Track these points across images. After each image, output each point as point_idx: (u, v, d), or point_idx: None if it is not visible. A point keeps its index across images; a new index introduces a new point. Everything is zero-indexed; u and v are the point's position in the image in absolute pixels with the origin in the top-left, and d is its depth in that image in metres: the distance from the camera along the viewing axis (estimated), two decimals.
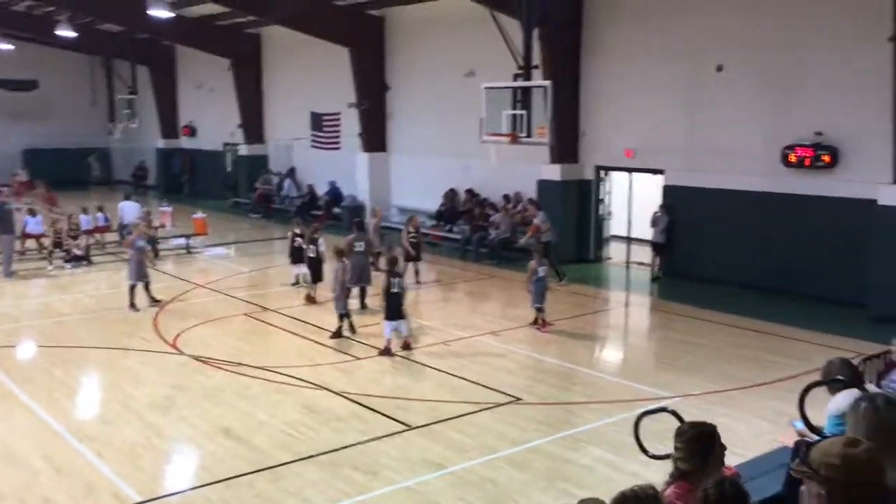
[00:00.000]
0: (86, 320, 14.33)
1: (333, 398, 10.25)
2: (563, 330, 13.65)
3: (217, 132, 32.91)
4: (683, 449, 4.13)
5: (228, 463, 8.31)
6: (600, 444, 8.75)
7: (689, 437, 4.15)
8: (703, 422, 4.35)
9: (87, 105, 37.73)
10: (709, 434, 4.17)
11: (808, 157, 14.90)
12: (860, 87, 14.25)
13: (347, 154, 25.45)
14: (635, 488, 3.64)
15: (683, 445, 4.14)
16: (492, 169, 19.01)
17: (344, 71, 24.30)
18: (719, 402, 10.00)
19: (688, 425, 4.26)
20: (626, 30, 18.01)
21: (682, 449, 4.14)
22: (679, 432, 4.20)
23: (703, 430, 4.18)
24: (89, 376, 11.50)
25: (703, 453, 4.09)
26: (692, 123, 17.02)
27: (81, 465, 8.33)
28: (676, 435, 4.19)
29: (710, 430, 4.18)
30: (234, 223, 27.32)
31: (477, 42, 20.33)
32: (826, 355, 10.58)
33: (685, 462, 4.10)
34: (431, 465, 8.26)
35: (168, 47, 34.23)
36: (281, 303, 15.56)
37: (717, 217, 16.54)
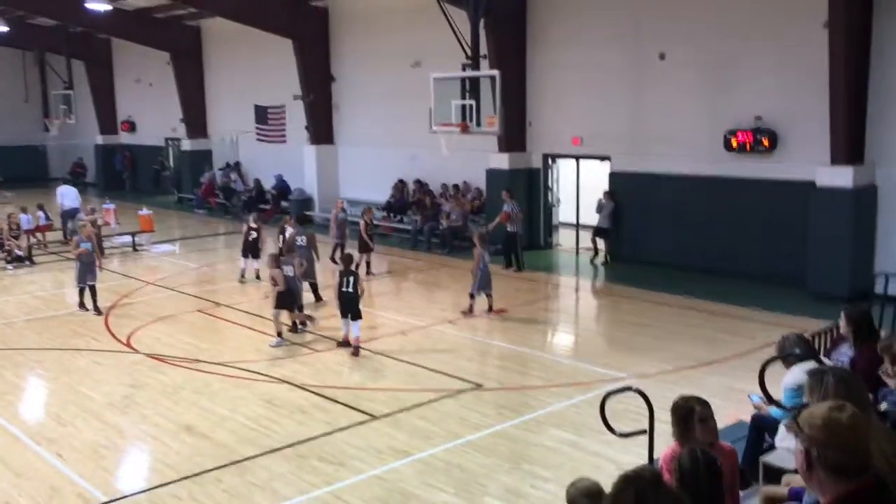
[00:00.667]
0: (33, 322, 14.02)
1: (294, 391, 10.27)
2: (517, 316, 13.86)
3: (158, 127, 32.29)
4: (671, 419, 4.76)
5: (194, 459, 8.28)
6: (561, 425, 8.96)
7: (672, 408, 4.75)
8: (689, 398, 4.80)
9: (19, 101, 36.59)
10: (682, 409, 4.65)
11: (748, 142, 15.36)
12: (797, 72, 14.74)
13: (294, 147, 25.26)
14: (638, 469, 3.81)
15: (671, 416, 4.76)
16: (440, 158, 19.07)
17: (288, 63, 24.10)
18: (673, 380, 10.29)
19: (678, 399, 4.82)
20: (571, 19, 18.25)
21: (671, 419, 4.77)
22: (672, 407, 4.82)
23: (677, 405, 4.72)
24: (42, 378, 11.28)
25: (681, 425, 4.59)
26: (637, 110, 17.37)
27: (42, 467, 8.20)
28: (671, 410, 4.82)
29: (686, 406, 4.68)
30: (179, 219, 26.91)
31: (422, 32, 20.38)
32: (771, 333, 11.07)
33: (673, 429, 4.71)
34: (397, 452, 8.35)
35: (104, 41, 33.42)
36: (233, 298, 15.45)
37: (663, 202, 16.94)
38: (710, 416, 4.78)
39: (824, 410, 2.74)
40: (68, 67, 31.55)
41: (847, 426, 2.69)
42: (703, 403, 4.76)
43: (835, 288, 13.74)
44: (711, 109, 16.03)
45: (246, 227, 16.96)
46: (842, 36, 13.33)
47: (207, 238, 23.13)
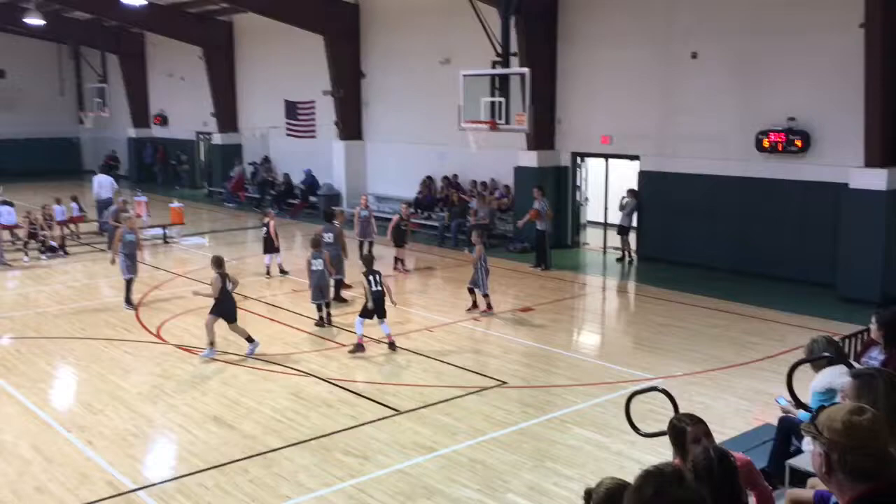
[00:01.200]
0: (66, 311, 14.25)
1: (320, 384, 10.35)
2: (543, 314, 13.85)
3: (189, 121, 32.64)
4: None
5: (220, 450, 8.38)
6: (586, 425, 8.95)
7: (667, 427, 4.46)
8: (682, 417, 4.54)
9: (55, 94, 37.21)
10: (675, 429, 4.41)
11: (780, 142, 15.19)
12: (832, 72, 14.55)
13: (323, 142, 25.41)
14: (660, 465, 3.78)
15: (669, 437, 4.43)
16: (468, 156, 19.12)
17: (318, 58, 24.23)
18: (699, 382, 10.25)
19: (673, 418, 4.52)
20: (602, 18, 18.17)
21: None
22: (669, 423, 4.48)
23: (671, 425, 4.44)
24: (75, 367, 11.46)
25: (676, 446, 4.37)
26: (667, 110, 17.25)
27: (72, 454, 8.35)
28: None
29: (678, 427, 4.40)
30: (209, 213, 27.19)
31: (452, 29, 20.39)
32: (800, 335, 10.96)
33: (673, 450, 4.38)
34: (422, 448, 8.39)
35: (138, 35, 33.83)
36: (261, 291, 15.59)
37: (693, 202, 16.81)
38: (704, 435, 4.43)
39: (844, 414, 2.73)
40: (103, 61, 32.04)
41: (867, 429, 2.68)
42: (696, 422, 4.46)
43: (866, 291, 13.56)
44: (743, 109, 15.88)
45: (263, 223, 17.18)
46: (878, 36, 13.14)
47: (237, 231, 23.35)
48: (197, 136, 33.01)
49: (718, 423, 8.76)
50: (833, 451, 2.70)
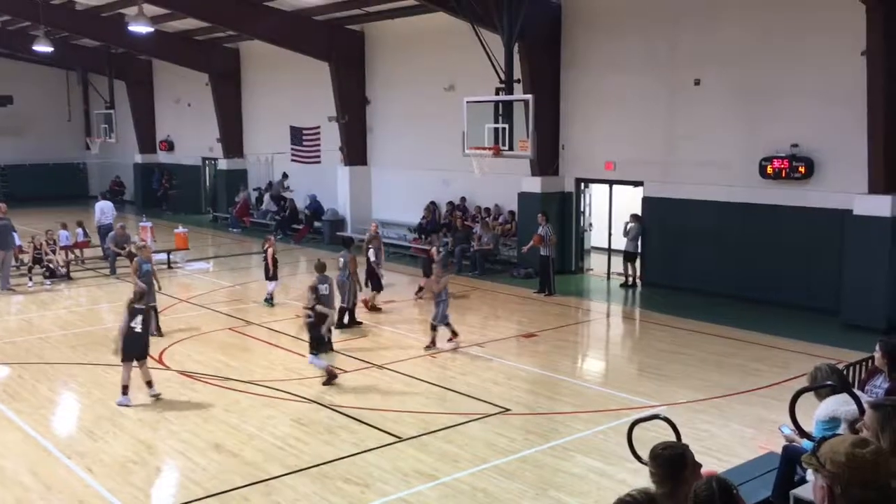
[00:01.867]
0: (69, 336, 14.24)
1: (322, 411, 10.30)
2: (547, 341, 13.80)
3: (195, 147, 32.83)
4: (657, 473, 4.05)
5: (221, 477, 8.32)
6: (589, 452, 8.87)
7: (661, 460, 4.06)
8: (675, 443, 4.31)
9: (63, 120, 37.51)
10: (679, 456, 4.08)
11: (784, 169, 15.20)
12: (835, 99, 14.59)
13: (328, 168, 25.52)
14: (633, 493, 3.70)
15: (658, 469, 4.05)
16: (472, 182, 19.18)
17: (324, 85, 24.40)
18: (703, 409, 10.17)
19: (661, 446, 4.16)
20: (605, 44, 18.28)
21: (655, 473, 4.06)
22: (653, 454, 4.11)
23: (674, 453, 4.09)
24: (76, 392, 11.43)
25: (675, 477, 4.01)
26: (671, 136, 17.30)
27: (72, 481, 8.30)
28: (651, 458, 4.11)
29: (679, 452, 4.10)
30: (214, 238, 27.26)
31: (456, 56, 20.53)
32: (804, 363, 10.89)
33: (659, 486, 4.00)
34: (423, 476, 8.33)
35: (145, 62, 34.16)
36: (263, 317, 15.58)
37: (697, 228, 16.81)
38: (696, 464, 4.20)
39: (847, 446, 2.70)
40: (110, 87, 32.30)
41: (871, 462, 2.65)
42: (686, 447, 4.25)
43: (870, 319, 13.50)
44: (747, 136, 15.91)
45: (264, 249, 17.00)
46: (880, 64, 13.19)
47: (241, 257, 23.38)
48: (203, 161, 33.18)
49: (723, 451, 8.71)
50: (836, 483, 2.67)
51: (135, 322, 10.49)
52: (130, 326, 10.48)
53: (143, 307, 10.72)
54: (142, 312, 10.60)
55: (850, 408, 5.37)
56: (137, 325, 10.49)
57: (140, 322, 10.52)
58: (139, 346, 10.62)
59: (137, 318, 10.50)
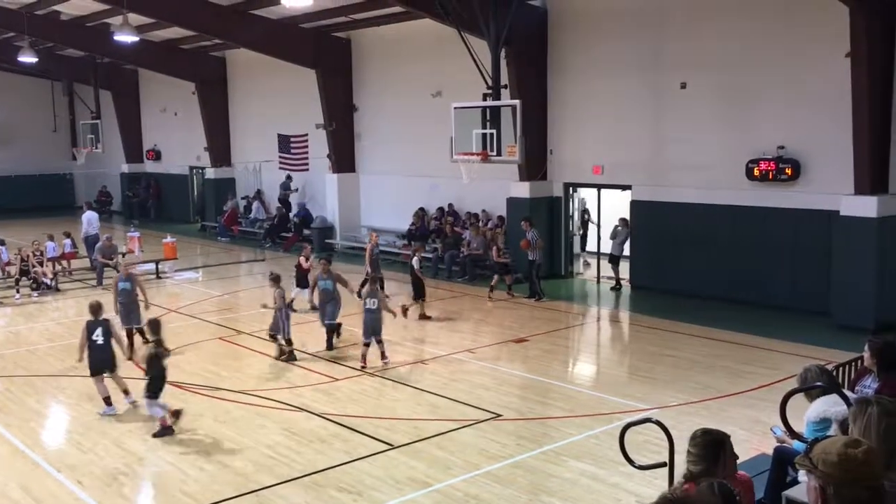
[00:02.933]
0: (56, 349, 14.13)
1: (314, 419, 10.26)
2: (537, 345, 13.80)
3: (182, 156, 32.73)
4: (695, 453, 4.43)
5: (212, 488, 8.28)
6: (582, 457, 8.87)
7: (700, 442, 4.44)
8: (715, 430, 4.63)
9: (48, 131, 37.34)
10: (719, 441, 4.47)
11: (771, 171, 15.28)
12: (820, 101, 14.68)
13: (316, 175, 25.48)
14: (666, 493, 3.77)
15: (695, 450, 4.43)
16: (461, 187, 19.18)
17: (311, 92, 24.38)
18: (695, 412, 10.19)
19: (701, 431, 4.55)
20: (592, 49, 18.34)
21: (693, 453, 4.44)
22: (693, 437, 4.50)
23: (714, 438, 4.48)
24: (64, 405, 11.35)
25: (712, 459, 4.38)
26: (658, 139, 17.36)
27: (62, 494, 8.23)
28: (690, 439, 4.49)
29: (720, 437, 4.48)
30: (202, 247, 27.16)
31: (444, 62, 20.56)
32: (794, 364, 10.92)
33: (695, 465, 4.40)
34: (416, 483, 8.30)
35: (131, 71, 34.04)
36: (254, 326, 15.49)
37: (685, 231, 16.86)
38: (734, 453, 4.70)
39: (839, 447, 2.71)
40: (96, 97, 32.15)
41: (862, 462, 2.66)
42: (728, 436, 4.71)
43: (859, 319, 13.57)
44: (733, 138, 15.99)
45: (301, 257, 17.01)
46: (864, 66, 13.28)
47: (230, 266, 23.29)
48: (191, 170, 33.08)
49: None
50: (828, 484, 2.67)
51: (96, 335, 10.46)
52: (92, 339, 10.45)
53: (102, 319, 10.64)
54: (101, 325, 10.52)
55: (840, 408, 5.39)
56: (99, 337, 10.45)
57: (101, 334, 10.47)
58: (104, 358, 10.54)
59: (97, 330, 10.47)
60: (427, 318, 15.73)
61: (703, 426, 4.85)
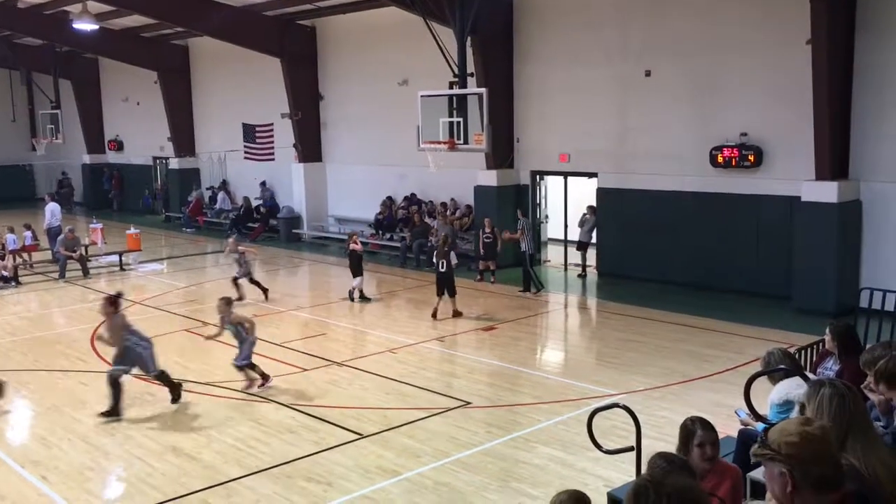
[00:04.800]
0: (18, 343, 13.91)
1: (282, 410, 10.22)
2: (505, 333, 13.86)
3: (145, 146, 32.27)
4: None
5: (180, 481, 8.21)
6: (550, 443, 8.94)
7: (680, 427, 5.01)
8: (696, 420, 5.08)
9: (6, 121, 36.53)
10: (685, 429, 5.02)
11: (734, 158, 15.46)
12: (782, 88, 14.87)
13: (282, 165, 25.28)
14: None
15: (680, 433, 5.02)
16: (428, 176, 19.15)
17: (276, 81, 24.15)
18: (661, 396, 10.31)
19: (687, 419, 5.09)
20: (557, 37, 18.38)
21: None
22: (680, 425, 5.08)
23: (683, 425, 5.05)
24: (28, 400, 11.17)
25: (682, 446, 4.96)
26: (623, 127, 17.47)
27: (26, 490, 8.12)
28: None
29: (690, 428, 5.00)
30: (167, 238, 26.84)
31: (409, 51, 20.48)
32: (757, 348, 11.10)
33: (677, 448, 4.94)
34: (386, 472, 8.31)
35: (92, 60, 33.42)
36: None
37: (650, 217, 17.01)
38: (710, 442, 4.88)
39: (797, 426, 2.70)
40: (55, 87, 31.53)
41: (822, 439, 2.67)
42: (706, 427, 4.87)
43: (820, 303, 13.82)
44: (697, 125, 16.15)
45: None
46: (824, 53, 13.47)
47: (195, 257, 23.05)
48: (154, 160, 32.63)
49: None
50: (796, 467, 2.63)
51: None
52: None
53: None
54: None
55: (802, 391, 5.47)
56: None
57: None
58: None
59: None
60: (459, 315, 14.92)
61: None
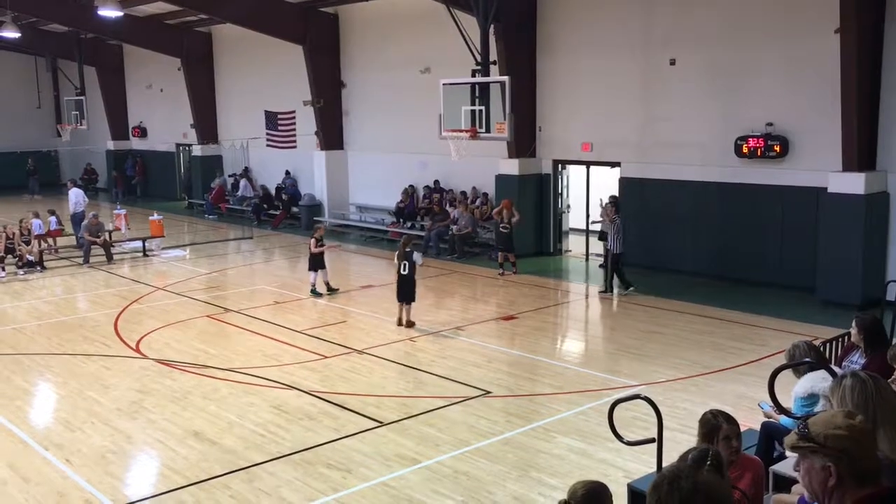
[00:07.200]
0: (43, 327, 14.06)
1: (303, 397, 10.25)
2: (526, 323, 13.82)
3: (169, 133, 32.45)
4: (698, 431, 4.88)
5: (201, 465, 8.27)
6: (570, 433, 8.91)
7: (700, 421, 4.87)
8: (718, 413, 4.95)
9: (32, 107, 36.88)
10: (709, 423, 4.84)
11: (759, 148, 15.28)
12: (809, 78, 14.66)
13: (304, 152, 25.33)
14: None
15: (698, 427, 4.90)
16: (450, 164, 19.10)
17: (298, 68, 24.16)
18: (682, 388, 10.24)
19: (708, 412, 4.95)
20: (581, 26, 18.23)
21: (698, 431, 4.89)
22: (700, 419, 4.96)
23: (705, 419, 4.90)
24: (52, 383, 11.29)
25: (705, 440, 4.76)
26: (647, 116, 17.32)
27: (50, 473, 8.21)
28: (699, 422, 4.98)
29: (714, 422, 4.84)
30: (189, 225, 27.01)
31: (431, 39, 20.41)
32: (782, 340, 11.00)
33: (698, 441, 4.81)
34: (405, 460, 8.32)
35: (116, 47, 33.62)
36: (242, 304, 15.46)
37: (673, 208, 16.87)
38: (735, 436, 4.82)
39: (842, 420, 2.63)
40: (80, 73, 31.76)
41: (867, 432, 2.61)
42: (730, 421, 4.84)
43: (846, 295, 13.65)
44: (722, 115, 15.96)
45: (313, 238, 15.89)
46: (853, 42, 13.25)
47: (217, 243, 23.18)
48: (177, 147, 32.81)
49: None
50: (843, 460, 2.56)
51: None
52: None
53: None
54: None
55: (827, 384, 5.41)
56: None
57: None
58: None
59: None
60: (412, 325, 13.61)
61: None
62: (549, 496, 7.40)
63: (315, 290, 15.83)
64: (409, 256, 13.51)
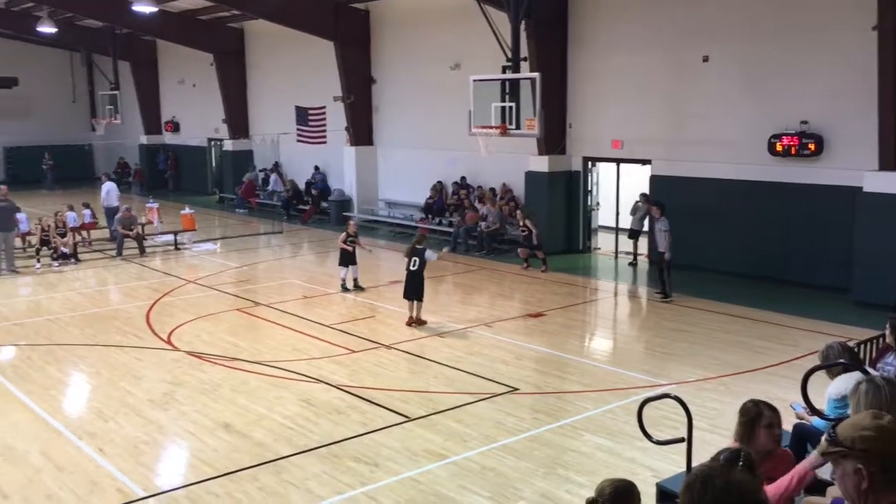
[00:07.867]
0: (77, 318, 14.28)
1: (331, 391, 10.31)
2: (555, 320, 13.78)
3: (201, 128, 32.78)
4: (738, 420, 4.87)
5: (231, 457, 8.35)
6: (598, 431, 8.87)
7: (740, 410, 4.89)
8: (759, 402, 4.93)
9: (68, 102, 37.47)
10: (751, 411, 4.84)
11: (793, 146, 15.08)
12: (844, 75, 14.44)
13: (334, 148, 25.45)
14: None
15: (738, 417, 4.88)
16: (479, 161, 19.10)
17: (329, 64, 24.27)
18: (712, 388, 10.15)
19: (749, 401, 4.96)
20: (613, 22, 18.11)
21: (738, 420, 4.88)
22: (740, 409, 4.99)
23: (747, 407, 4.88)
24: (85, 374, 11.47)
25: (746, 428, 4.81)
26: (679, 114, 17.17)
27: (83, 461, 8.34)
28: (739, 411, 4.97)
29: (755, 409, 4.84)
30: (220, 219, 27.27)
31: (462, 34, 20.39)
32: (814, 341, 10.87)
33: (738, 430, 4.85)
34: (433, 455, 8.34)
35: (150, 42, 34.03)
36: (272, 297, 15.59)
37: (705, 206, 16.71)
38: (777, 424, 4.82)
39: (870, 422, 2.61)
40: (115, 68, 32.16)
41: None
42: (772, 409, 4.83)
43: (881, 296, 13.40)
44: (755, 113, 15.78)
45: (344, 234, 15.97)
46: (891, 38, 13.02)
47: (248, 238, 23.37)
48: (209, 142, 33.14)
49: (732, 428, 8.63)
50: (873, 462, 2.54)
51: None
52: None
53: None
54: None
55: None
56: None
57: None
58: None
59: None
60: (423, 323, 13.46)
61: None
62: (577, 494, 7.38)
63: (344, 286, 15.91)
64: (421, 253, 13.33)
